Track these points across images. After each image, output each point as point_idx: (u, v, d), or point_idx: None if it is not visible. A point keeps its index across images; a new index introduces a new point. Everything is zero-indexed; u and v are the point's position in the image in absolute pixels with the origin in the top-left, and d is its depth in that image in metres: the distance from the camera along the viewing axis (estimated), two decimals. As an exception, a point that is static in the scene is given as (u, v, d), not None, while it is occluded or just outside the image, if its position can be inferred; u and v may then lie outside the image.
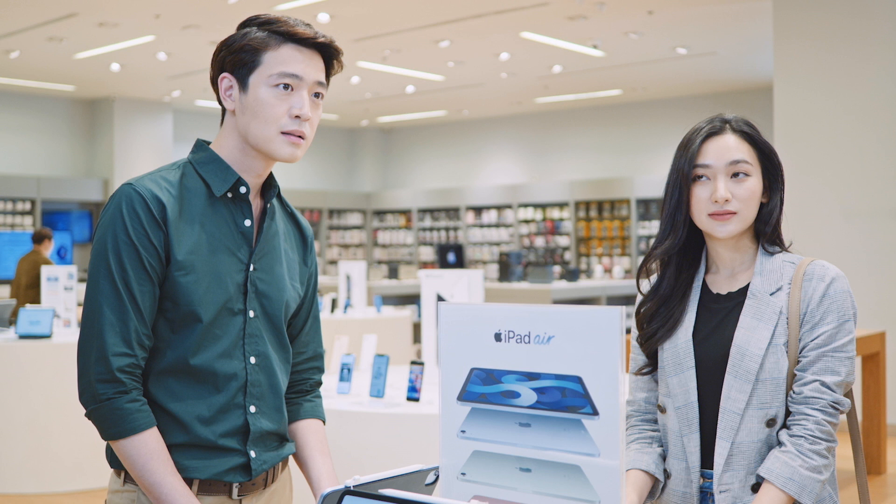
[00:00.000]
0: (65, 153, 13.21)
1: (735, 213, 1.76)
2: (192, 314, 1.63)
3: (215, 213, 1.69)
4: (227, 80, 1.69)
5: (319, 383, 1.92)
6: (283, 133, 1.68)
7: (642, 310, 1.87)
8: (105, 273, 1.60)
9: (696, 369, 1.78)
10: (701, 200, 1.78)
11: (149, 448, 1.58)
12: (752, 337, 1.74)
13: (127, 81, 11.94)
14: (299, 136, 1.69)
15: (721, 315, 1.81)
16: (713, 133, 1.80)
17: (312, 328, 1.89)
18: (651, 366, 1.87)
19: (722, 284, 1.84)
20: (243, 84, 1.67)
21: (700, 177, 1.79)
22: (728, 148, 1.78)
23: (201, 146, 1.74)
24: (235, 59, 1.67)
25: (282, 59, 1.66)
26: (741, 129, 1.81)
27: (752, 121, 1.85)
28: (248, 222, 1.72)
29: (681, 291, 1.84)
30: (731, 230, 1.77)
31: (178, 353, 1.64)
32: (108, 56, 10.43)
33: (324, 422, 1.88)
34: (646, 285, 1.90)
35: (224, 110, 1.73)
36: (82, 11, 8.52)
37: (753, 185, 1.78)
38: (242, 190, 1.71)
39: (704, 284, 1.86)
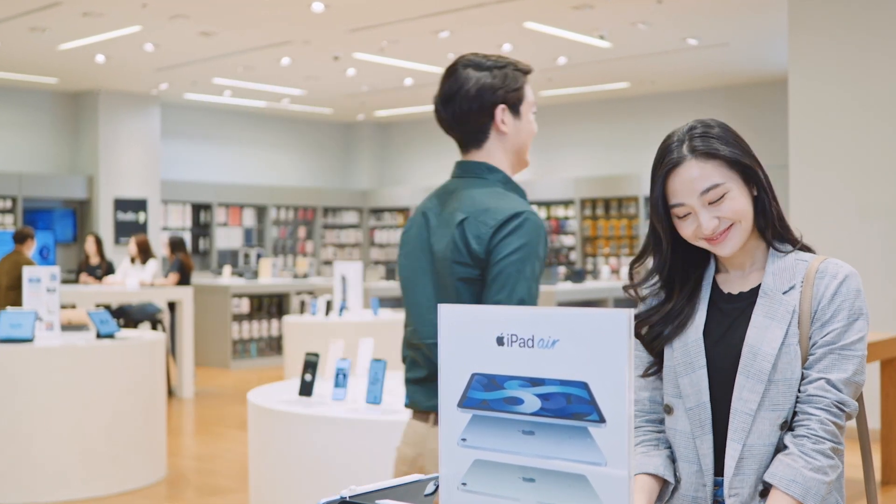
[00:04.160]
0: (47, 149, 13.08)
1: (729, 229, 1.74)
2: None
3: None
4: (501, 110, 2.23)
5: None
6: None
7: (641, 313, 1.84)
8: (531, 274, 2.17)
9: (707, 369, 1.77)
10: (689, 236, 1.77)
11: None
12: (764, 336, 1.73)
13: (112, 74, 11.84)
14: None
15: (733, 315, 1.80)
16: (673, 166, 1.74)
17: None
18: (657, 365, 1.85)
19: (733, 284, 1.83)
20: (516, 112, 2.26)
21: (679, 215, 1.76)
22: (692, 179, 1.73)
23: (494, 169, 2.26)
24: (516, 94, 2.25)
25: (530, 91, 2.29)
26: (699, 149, 1.73)
27: (717, 119, 1.80)
28: None
29: (689, 289, 1.83)
30: (734, 245, 1.76)
31: None
32: (92, 47, 10.35)
33: None
34: (645, 288, 1.89)
35: (484, 138, 2.26)
36: (66, 1, 8.42)
37: (735, 198, 1.74)
38: None
39: (715, 283, 1.84)
